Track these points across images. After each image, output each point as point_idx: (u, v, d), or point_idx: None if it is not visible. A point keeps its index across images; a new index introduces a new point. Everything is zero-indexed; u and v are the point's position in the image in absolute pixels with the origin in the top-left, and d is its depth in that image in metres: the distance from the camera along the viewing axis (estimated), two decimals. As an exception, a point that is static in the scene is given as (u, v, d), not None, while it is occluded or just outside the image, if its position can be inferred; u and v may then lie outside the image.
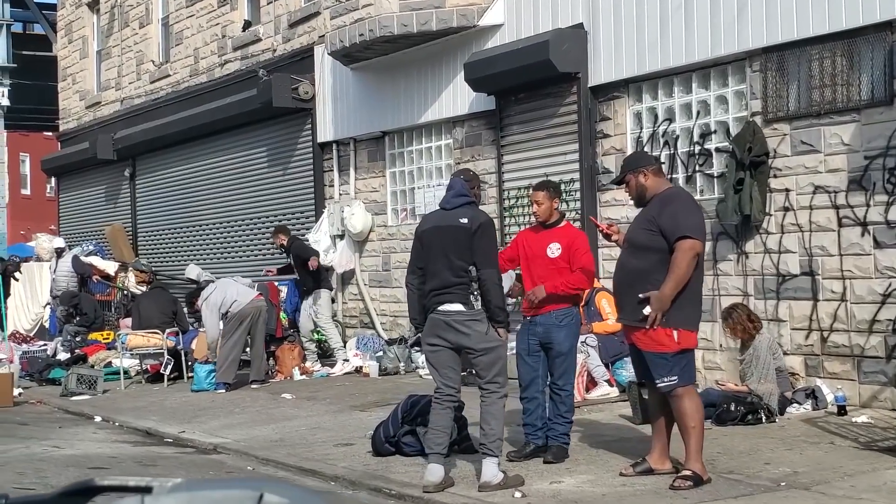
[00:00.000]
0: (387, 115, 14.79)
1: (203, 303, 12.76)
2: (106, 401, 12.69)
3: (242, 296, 12.74)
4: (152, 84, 21.51)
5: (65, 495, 1.75)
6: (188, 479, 1.72)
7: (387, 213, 15.14)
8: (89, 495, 1.74)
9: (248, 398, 12.00)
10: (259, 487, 1.64)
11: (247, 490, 1.64)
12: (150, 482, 1.68)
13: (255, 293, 13.03)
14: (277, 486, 1.67)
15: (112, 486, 1.72)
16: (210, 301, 12.61)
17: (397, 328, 14.95)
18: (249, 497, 1.62)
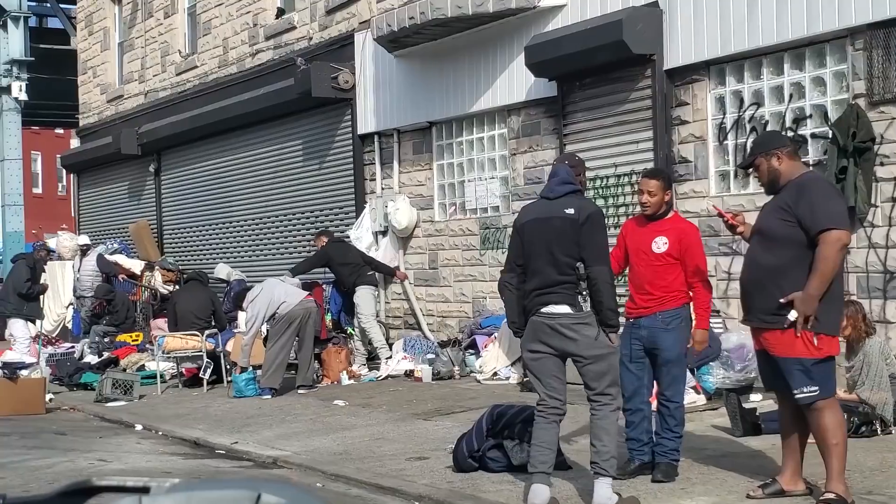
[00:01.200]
0: (434, 104, 14.02)
1: (249, 305, 12.01)
2: (144, 407, 11.95)
3: (291, 296, 11.98)
4: (178, 76, 20.77)
5: (63, 495, 1.75)
6: (186, 480, 1.70)
7: (433, 208, 14.37)
8: (87, 495, 1.74)
9: (298, 405, 11.24)
10: (257, 487, 1.64)
11: (244, 490, 1.64)
12: (147, 482, 1.68)
13: (303, 293, 12.26)
14: (275, 486, 1.67)
15: (110, 486, 1.72)
16: (257, 303, 11.86)
17: (445, 329, 14.18)
18: (247, 497, 1.62)
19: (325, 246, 13.18)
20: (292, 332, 11.94)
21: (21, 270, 14.57)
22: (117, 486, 1.71)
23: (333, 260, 13.03)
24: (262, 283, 12.30)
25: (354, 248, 13.64)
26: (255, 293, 12.01)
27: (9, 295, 14.41)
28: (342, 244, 13.56)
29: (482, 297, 13.47)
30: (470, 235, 13.68)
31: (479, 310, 13.51)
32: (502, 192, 13.26)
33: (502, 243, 13.13)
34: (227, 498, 1.65)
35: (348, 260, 13.02)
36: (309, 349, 12.11)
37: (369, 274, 13.11)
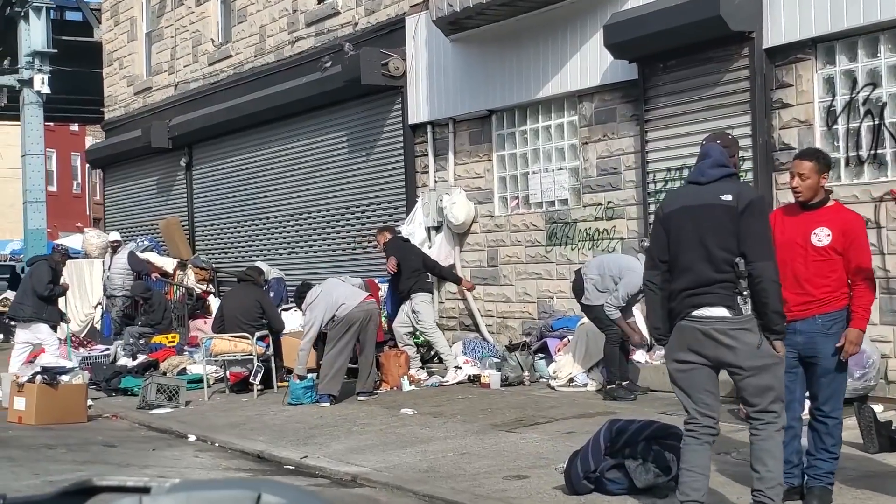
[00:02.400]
0: (495, 91, 13.15)
1: (308, 308, 11.16)
2: (192, 415, 11.10)
3: (351, 298, 11.12)
4: (211, 66, 19.93)
5: (63, 495, 1.74)
6: (186, 480, 1.69)
7: (493, 202, 13.49)
8: (88, 495, 1.73)
9: (362, 414, 10.38)
10: (257, 487, 1.64)
11: (245, 490, 1.64)
12: (148, 482, 1.67)
13: (364, 294, 11.39)
14: (275, 486, 1.67)
15: (111, 487, 1.72)
16: (316, 307, 11.01)
17: (506, 331, 13.31)
18: (247, 497, 1.62)
19: (388, 243, 12.30)
20: (352, 336, 11.09)
21: (43, 271, 13.60)
22: (118, 486, 1.71)
23: (400, 259, 12.15)
24: (321, 284, 11.43)
25: (417, 250, 12.75)
26: (314, 295, 11.15)
27: (27, 297, 13.41)
28: (406, 244, 12.70)
29: (548, 297, 12.60)
30: (534, 231, 12.81)
31: (545, 310, 12.65)
32: (571, 185, 12.38)
33: (571, 239, 12.28)
34: (228, 498, 1.65)
35: (411, 264, 12.15)
36: (371, 354, 11.26)
37: (428, 280, 12.24)
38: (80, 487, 1.75)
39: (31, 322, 13.24)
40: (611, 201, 11.72)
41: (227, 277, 19.33)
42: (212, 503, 1.66)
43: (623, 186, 11.55)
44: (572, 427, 9.01)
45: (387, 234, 12.46)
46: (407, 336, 12.14)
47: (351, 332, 11.04)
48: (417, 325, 12.00)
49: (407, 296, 12.03)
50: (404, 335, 12.13)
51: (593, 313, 10.24)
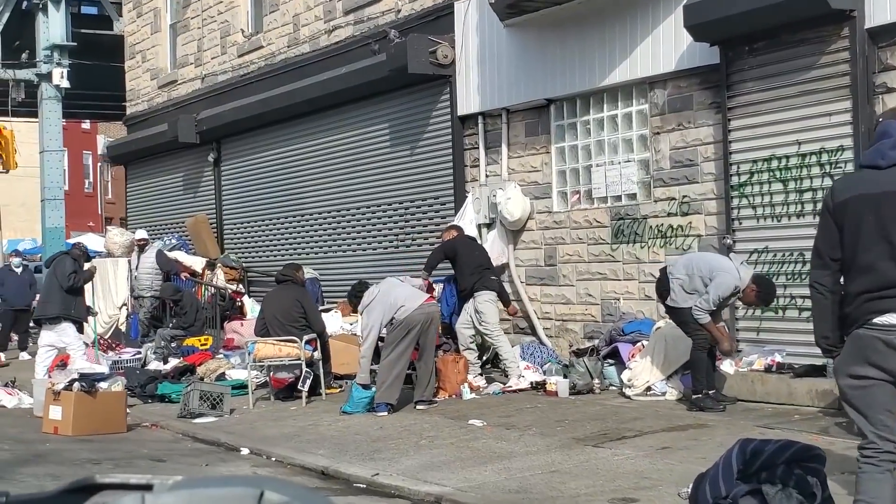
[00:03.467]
0: (555, 78, 12.36)
1: (364, 311, 10.39)
2: (239, 425, 10.33)
3: (411, 300, 10.32)
4: (240, 58, 19.17)
5: (66, 493, 1.72)
6: (189, 477, 1.69)
7: (551, 197, 12.70)
8: (90, 493, 1.70)
9: (426, 425, 9.59)
10: (259, 485, 1.61)
11: (247, 488, 1.61)
12: (150, 479, 1.65)
13: (425, 296, 10.59)
14: (278, 484, 1.65)
15: (113, 484, 1.68)
16: (373, 310, 10.23)
17: (565, 335, 12.52)
18: (250, 495, 1.60)
19: (455, 239, 11.53)
20: (411, 341, 10.29)
21: (65, 263, 12.86)
22: (120, 484, 1.69)
23: (460, 254, 11.34)
24: (378, 285, 10.64)
25: (483, 250, 11.96)
26: (370, 296, 10.36)
27: (52, 293, 12.63)
28: (472, 241, 11.92)
29: (614, 299, 11.80)
30: (598, 227, 12.02)
31: (610, 312, 11.85)
32: (640, 178, 11.58)
33: (640, 236, 11.48)
34: (230, 495, 1.62)
35: (475, 259, 11.35)
36: (431, 359, 10.46)
37: (493, 278, 11.40)
38: (82, 485, 1.74)
39: (58, 322, 12.49)
40: (686, 195, 10.92)
41: (257, 277, 18.59)
42: (214, 501, 1.64)
43: (700, 179, 10.75)
44: (665, 441, 8.22)
45: (453, 232, 11.70)
46: (471, 338, 11.34)
47: (410, 337, 10.26)
48: (480, 327, 11.18)
49: (470, 294, 11.23)
50: (468, 337, 11.33)
51: (679, 316, 9.44)
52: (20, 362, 17.70)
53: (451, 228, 11.88)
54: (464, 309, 11.32)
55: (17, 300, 18.26)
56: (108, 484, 1.71)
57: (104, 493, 1.70)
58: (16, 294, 18.25)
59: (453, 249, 11.42)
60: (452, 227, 11.94)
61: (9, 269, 18.76)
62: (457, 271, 11.47)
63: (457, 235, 11.64)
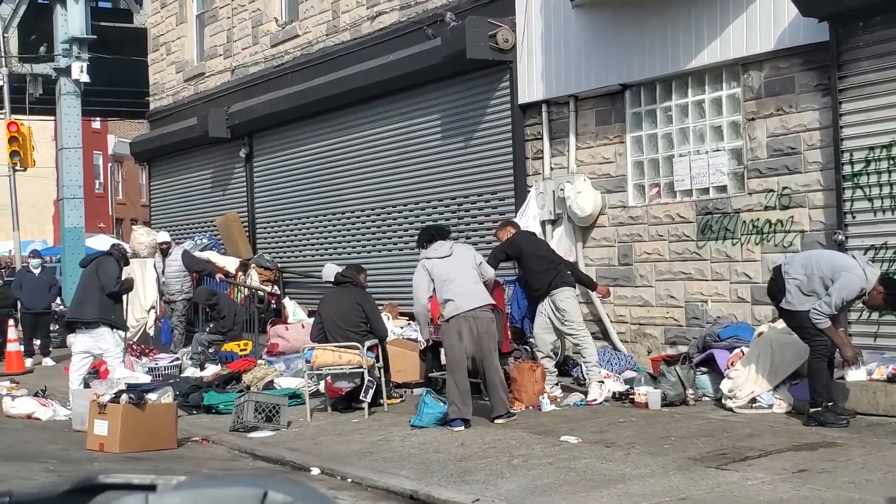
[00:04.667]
0: (631, 62, 11.40)
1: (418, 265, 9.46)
2: (301, 439, 9.37)
3: (462, 298, 9.24)
4: (274, 48, 18.24)
5: (69, 493, 1.73)
6: (192, 477, 1.69)
7: (626, 191, 11.75)
8: (94, 493, 1.72)
9: (513, 441, 8.62)
10: (263, 485, 1.62)
11: (251, 488, 1.62)
12: (154, 479, 1.68)
13: (481, 300, 9.49)
14: (281, 483, 1.65)
15: (117, 484, 1.70)
16: (420, 273, 9.32)
17: (642, 339, 11.57)
18: (253, 495, 1.61)
19: (515, 235, 10.56)
20: (464, 348, 9.32)
21: (110, 265, 11.82)
22: (124, 484, 1.69)
23: (525, 250, 10.36)
24: (445, 258, 9.53)
25: (546, 243, 11.02)
26: (426, 255, 9.44)
27: (89, 295, 11.63)
28: (534, 235, 10.96)
29: (700, 301, 10.85)
30: (681, 223, 11.06)
31: (695, 315, 10.90)
32: (732, 168, 10.62)
33: (732, 232, 10.53)
34: (234, 496, 1.62)
35: (544, 255, 10.37)
36: (494, 370, 9.35)
37: (568, 273, 10.40)
38: (85, 485, 1.73)
39: (96, 326, 11.54)
40: (786, 187, 9.96)
41: (293, 278, 17.66)
42: (218, 501, 1.63)
43: (804, 169, 9.79)
44: (798, 463, 7.25)
45: (510, 230, 10.67)
46: (552, 344, 10.37)
47: (462, 344, 9.27)
48: (563, 327, 10.17)
49: (546, 293, 10.23)
50: (549, 343, 10.34)
51: (795, 320, 8.46)
52: (44, 369, 16.80)
53: (506, 225, 10.87)
54: (539, 311, 10.33)
55: (36, 303, 17.30)
56: (112, 484, 1.72)
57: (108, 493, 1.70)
58: (34, 296, 17.27)
59: (516, 247, 10.41)
60: (508, 224, 10.93)
61: (26, 270, 17.80)
62: (525, 271, 10.47)
63: (516, 232, 10.65)
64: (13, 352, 16.05)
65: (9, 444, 9.03)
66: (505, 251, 10.48)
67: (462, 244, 9.46)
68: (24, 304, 17.19)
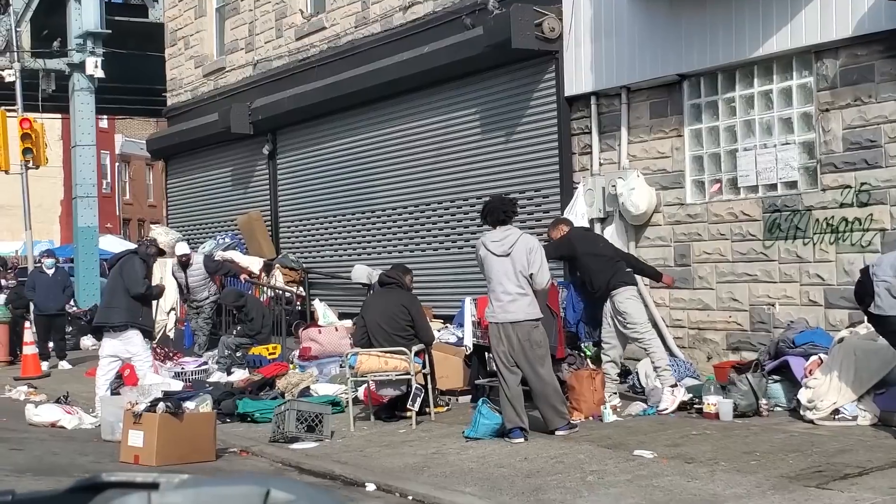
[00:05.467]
0: (691, 50, 10.76)
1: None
2: (348, 452, 8.72)
3: (503, 303, 8.67)
4: (299, 41, 17.61)
5: (72, 491, 1.72)
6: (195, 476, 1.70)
7: (684, 187, 11.10)
8: (97, 491, 1.71)
9: (581, 455, 7.95)
10: (266, 484, 1.62)
11: (254, 486, 1.62)
12: (156, 478, 1.67)
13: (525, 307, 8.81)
14: (285, 482, 1.65)
15: (120, 482, 1.70)
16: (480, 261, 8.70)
17: (701, 345, 10.93)
18: (256, 493, 1.60)
19: (568, 233, 9.90)
20: (506, 356, 8.66)
21: (135, 265, 11.17)
22: (126, 482, 1.69)
23: (580, 250, 9.68)
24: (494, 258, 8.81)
25: (604, 238, 10.38)
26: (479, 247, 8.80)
27: (116, 298, 10.99)
28: (589, 232, 10.30)
29: (767, 304, 10.20)
30: (746, 221, 10.41)
31: (762, 320, 10.24)
32: (803, 163, 9.97)
33: (803, 231, 9.89)
34: (237, 494, 1.62)
35: (599, 251, 9.69)
36: (545, 380, 8.67)
37: (628, 270, 9.71)
38: (88, 483, 1.72)
39: (124, 329, 10.92)
40: (865, 183, 9.31)
41: (319, 279, 17.04)
42: (221, 499, 1.62)
43: (885, 163, 9.14)
44: (908, 482, 6.63)
45: (563, 228, 9.99)
46: (616, 350, 9.69)
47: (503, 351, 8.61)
48: (626, 330, 9.48)
49: (606, 294, 9.57)
50: (614, 349, 9.66)
51: (886, 326, 7.81)
52: (61, 372, 16.17)
53: (559, 223, 10.19)
54: (605, 313, 9.67)
55: (49, 304, 16.64)
56: (115, 482, 1.71)
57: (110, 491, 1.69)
58: (47, 297, 16.60)
59: (570, 247, 9.74)
60: (561, 222, 10.26)
61: (39, 270, 17.14)
62: (582, 271, 9.79)
63: (569, 230, 9.99)
64: (29, 355, 15.43)
65: (37, 457, 8.40)
66: (557, 251, 9.83)
67: (528, 239, 8.74)
68: (37, 305, 16.53)
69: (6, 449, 8.82)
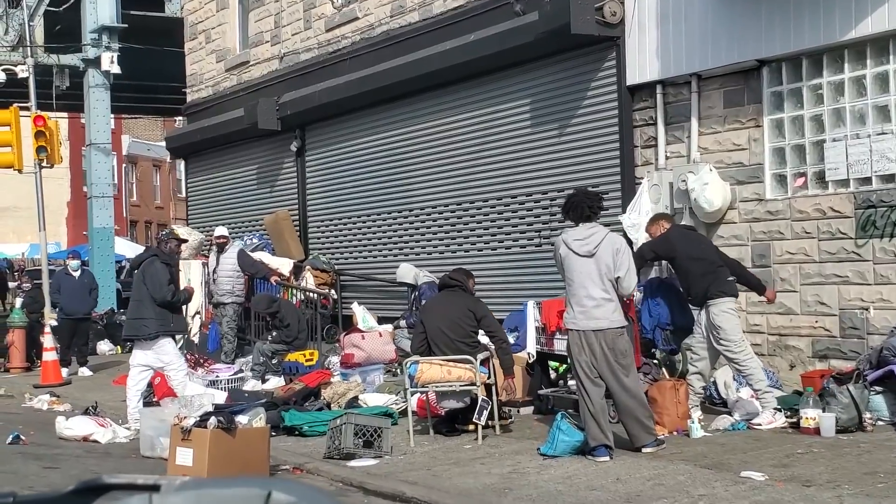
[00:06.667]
0: (772, 33, 9.95)
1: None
2: (412, 469, 7.90)
3: (585, 308, 7.86)
4: (329, 32, 16.83)
5: (74, 493, 1.71)
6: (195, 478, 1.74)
7: (763, 181, 10.29)
8: (99, 493, 1.70)
9: (681, 476, 7.13)
10: (267, 486, 1.61)
11: (255, 488, 1.61)
12: (157, 480, 1.66)
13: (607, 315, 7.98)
14: (286, 484, 1.64)
15: (121, 484, 1.69)
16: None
17: (783, 353, 10.11)
18: (257, 495, 1.59)
19: (669, 231, 9.06)
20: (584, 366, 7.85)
21: (158, 270, 10.31)
22: (128, 484, 1.68)
23: (681, 251, 8.84)
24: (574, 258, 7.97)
25: (707, 240, 9.50)
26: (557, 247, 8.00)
27: (143, 308, 10.16)
28: (692, 231, 9.46)
29: (860, 308, 9.38)
30: (835, 218, 9.60)
31: (854, 325, 9.43)
32: (901, 154, 9.18)
33: (903, 228, 9.06)
34: (238, 496, 1.61)
35: (701, 253, 8.83)
36: (628, 392, 7.84)
37: (730, 279, 8.86)
38: (90, 485, 1.70)
39: (156, 338, 10.13)
40: (976, 176, 8.52)
41: (351, 281, 16.25)
42: (222, 501, 1.61)
43: None
44: None
45: (663, 224, 9.15)
46: (706, 363, 8.85)
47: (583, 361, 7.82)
48: (719, 346, 8.65)
49: (702, 302, 8.73)
50: (703, 360, 8.82)
51: None
52: (82, 380, 15.36)
53: (659, 219, 9.37)
54: (697, 322, 8.85)
55: (76, 308, 15.82)
56: (116, 484, 1.70)
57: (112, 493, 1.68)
58: (73, 300, 15.79)
59: (669, 247, 8.92)
60: (661, 217, 9.43)
61: (65, 272, 16.34)
62: (679, 273, 8.98)
63: (670, 227, 9.18)
64: (49, 361, 14.62)
65: (75, 477, 7.60)
66: (654, 250, 9.00)
67: (614, 238, 7.93)
68: (64, 309, 15.71)
69: (40, 467, 8.03)
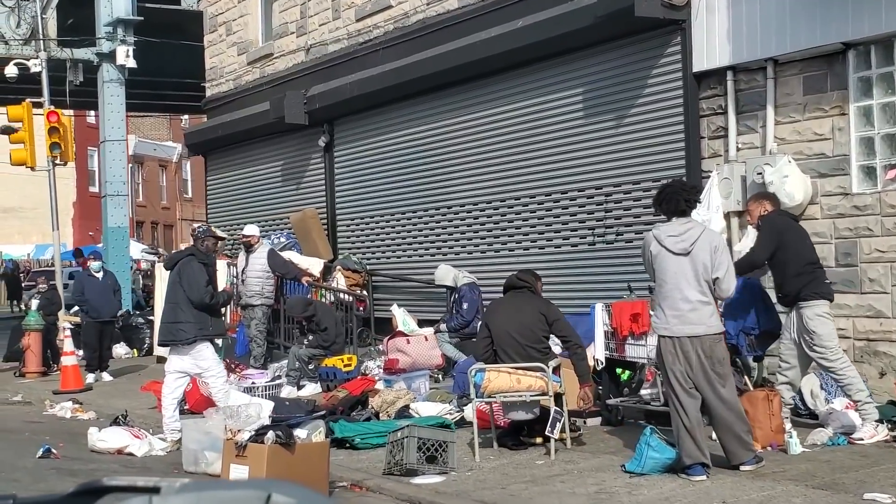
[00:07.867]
0: (860, 13, 9.18)
1: None
2: (485, 488, 7.12)
3: (677, 313, 7.09)
4: (359, 22, 16.07)
5: (74, 495, 1.73)
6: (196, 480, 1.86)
7: (848, 174, 9.52)
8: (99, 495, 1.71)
9: (796, 499, 6.31)
10: (267, 488, 1.60)
11: (255, 490, 1.60)
12: (158, 482, 1.65)
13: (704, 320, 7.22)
14: (286, 486, 1.63)
15: (121, 486, 1.70)
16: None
17: (871, 358, 9.34)
18: (257, 497, 1.58)
19: (770, 216, 8.14)
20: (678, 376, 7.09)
21: (195, 271, 9.55)
22: (128, 486, 1.68)
23: (785, 241, 7.95)
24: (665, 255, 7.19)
25: (808, 236, 8.55)
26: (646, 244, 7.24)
27: (180, 311, 9.38)
28: (796, 223, 8.54)
29: (961, 310, 8.63)
30: (932, 214, 8.85)
31: (955, 329, 8.68)
32: None
33: None
34: (238, 498, 1.60)
35: (804, 251, 7.91)
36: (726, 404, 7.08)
37: (828, 281, 8.05)
38: (90, 487, 1.74)
39: (193, 343, 9.38)
40: None
41: (383, 281, 15.50)
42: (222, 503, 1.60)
43: None
44: None
45: (766, 205, 8.18)
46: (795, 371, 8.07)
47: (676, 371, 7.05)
48: (813, 353, 7.86)
49: (793, 303, 7.96)
50: (792, 368, 8.05)
51: None
52: (103, 385, 14.59)
53: (760, 198, 8.34)
54: (785, 324, 8.09)
55: (103, 310, 15.02)
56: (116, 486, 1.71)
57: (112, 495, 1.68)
58: (100, 302, 15.01)
59: (780, 239, 7.97)
60: (763, 197, 8.40)
61: (88, 274, 15.57)
62: (775, 269, 8.14)
63: (774, 210, 8.27)
64: (69, 366, 13.86)
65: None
66: (766, 249, 7.99)
67: (712, 235, 7.19)
68: (90, 312, 14.92)
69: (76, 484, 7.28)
